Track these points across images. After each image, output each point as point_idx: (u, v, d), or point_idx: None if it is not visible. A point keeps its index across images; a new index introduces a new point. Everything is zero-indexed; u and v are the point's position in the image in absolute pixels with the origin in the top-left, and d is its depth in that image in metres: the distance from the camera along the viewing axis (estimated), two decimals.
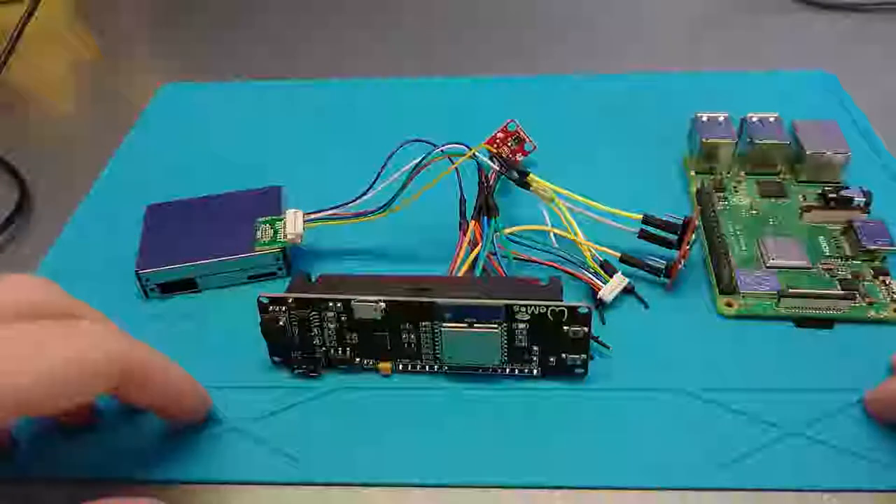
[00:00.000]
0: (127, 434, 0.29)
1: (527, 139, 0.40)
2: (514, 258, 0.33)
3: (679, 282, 0.34)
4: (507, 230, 0.34)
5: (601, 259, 0.34)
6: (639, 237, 0.34)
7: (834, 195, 0.36)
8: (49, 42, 0.59)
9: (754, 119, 0.39)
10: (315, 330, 0.30)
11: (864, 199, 0.36)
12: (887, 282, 0.33)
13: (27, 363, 0.22)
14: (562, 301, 0.29)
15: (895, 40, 0.52)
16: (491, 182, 0.35)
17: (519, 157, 0.40)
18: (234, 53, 0.56)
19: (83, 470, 0.28)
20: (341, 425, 0.29)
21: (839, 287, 0.33)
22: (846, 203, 0.36)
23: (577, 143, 0.43)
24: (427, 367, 0.31)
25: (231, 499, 0.27)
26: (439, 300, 0.28)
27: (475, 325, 0.29)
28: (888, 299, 0.32)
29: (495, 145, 0.40)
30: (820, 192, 0.36)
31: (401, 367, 0.31)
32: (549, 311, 0.28)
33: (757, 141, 0.38)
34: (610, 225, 0.33)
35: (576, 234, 0.34)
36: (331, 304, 0.29)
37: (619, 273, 0.33)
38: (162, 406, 0.27)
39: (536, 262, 0.34)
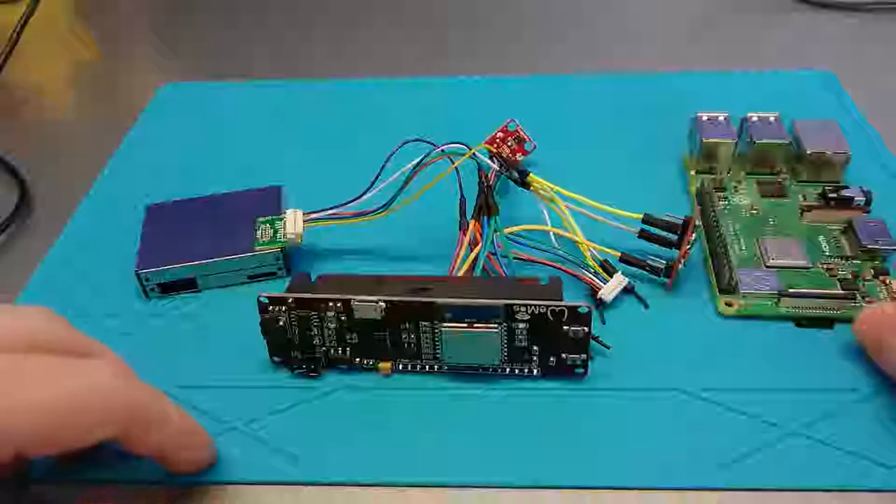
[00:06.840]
0: None
1: (527, 139, 0.40)
2: (514, 258, 0.33)
3: (679, 282, 0.34)
4: (507, 230, 0.34)
5: (601, 259, 0.34)
6: (639, 237, 0.34)
7: (834, 195, 0.36)
8: (49, 42, 0.59)
9: (754, 119, 0.39)
10: (315, 330, 0.30)
11: (864, 199, 0.35)
12: (887, 282, 0.33)
13: (11, 401, 0.21)
14: (562, 301, 0.29)
15: (895, 40, 0.52)
16: (491, 182, 0.35)
17: (519, 157, 0.40)
18: (234, 53, 0.56)
19: (83, 470, 0.28)
20: (341, 425, 0.29)
21: (839, 287, 0.33)
22: (846, 203, 0.36)
23: (577, 143, 0.43)
24: (427, 367, 0.31)
25: (231, 499, 0.27)
26: (439, 300, 0.28)
27: (475, 325, 0.29)
28: (888, 299, 0.32)
29: (495, 145, 0.40)
30: (820, 191, 0.36)
31: (401, 367, 0.31)
32: (549, 311, 0.28)
33: (757, 141, 0.38)
34: (610, 225, 0.33)
35: (576, 234, 0.34)
36: (331, 304, 0.29)
37: (619, 273, 0.33)
38: (162, 456, 0.26)
39: (536, 261, 0.34)
